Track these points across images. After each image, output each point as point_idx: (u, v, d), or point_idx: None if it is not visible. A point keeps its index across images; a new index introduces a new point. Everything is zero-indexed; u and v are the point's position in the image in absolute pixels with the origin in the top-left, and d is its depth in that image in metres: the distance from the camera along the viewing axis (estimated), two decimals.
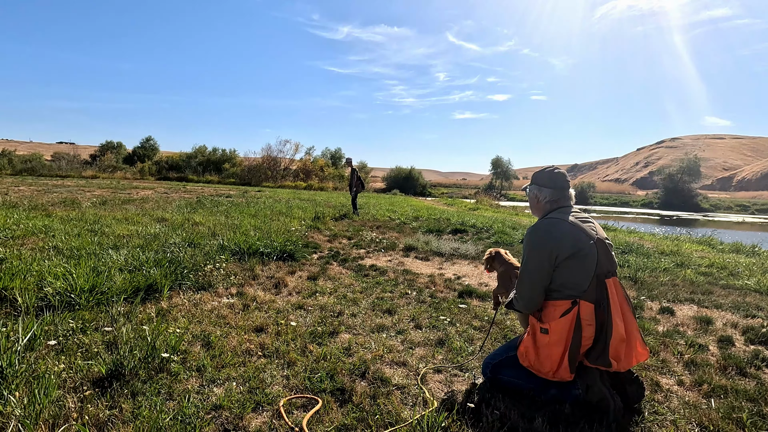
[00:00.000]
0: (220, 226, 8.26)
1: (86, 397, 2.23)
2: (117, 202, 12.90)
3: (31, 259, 4.75)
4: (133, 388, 2.35)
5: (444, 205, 23.32)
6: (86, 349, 2.78)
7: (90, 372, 2.49)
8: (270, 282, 4.76)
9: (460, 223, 11.31)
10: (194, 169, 38.49)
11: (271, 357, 2.89)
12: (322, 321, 3.61)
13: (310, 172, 40.78)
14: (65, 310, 3.41)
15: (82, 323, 3.16)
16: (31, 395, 2.14)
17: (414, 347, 3.21)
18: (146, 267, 4.56)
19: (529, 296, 2.47)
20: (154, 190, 20.51)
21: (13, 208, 9.91)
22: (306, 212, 12.19)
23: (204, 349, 2.94)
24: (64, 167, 34.15)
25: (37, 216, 8.54)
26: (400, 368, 2.85)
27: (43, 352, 2.70)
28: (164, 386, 2.41)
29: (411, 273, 5.64)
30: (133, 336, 2.93)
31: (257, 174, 37.93)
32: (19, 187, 17.72)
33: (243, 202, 15.06)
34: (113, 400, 2.25)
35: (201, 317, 3.55)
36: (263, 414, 2.25)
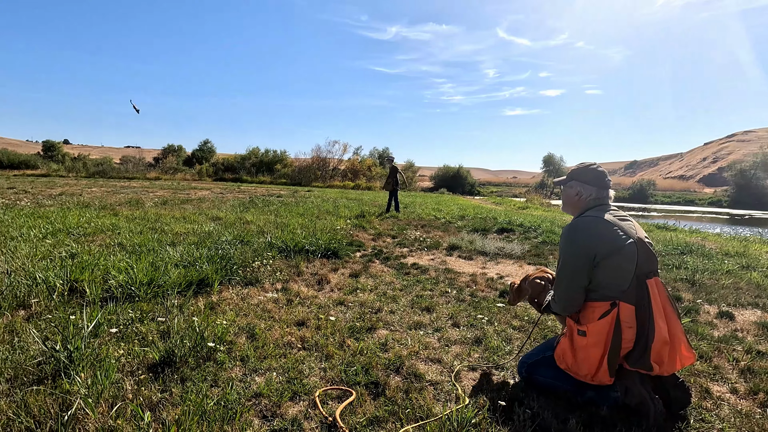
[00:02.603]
0: (269, 224, 8.59)
1: (141, 381, 2.43)
2: (176, 202, 13.70)
3: (98, 254, 5.18)
4: (183, 375, 2.53)
5: (492, 204, 22.90)
6: (143, 337, 3.01)
7: (145, 358, 2.71)
8: (314, 278, 4.91)
9: (506, 222, 11.08)
10: (248, 170, 40.06)
11: (311, 350, 3.00)
12: (361, 317, 3.70)
13: (357, 171, 41.30)
14: (126, 301, 3.71)
15: (141, 313, 3.43)
16: (93, 377, 2.36)
17: (450, 345, 3.22)
18: (199, 263, 4.84)
19: (567, 298, 2.41)
20: (210, 190, 21.57)
21: (86, 207, 10.80)
22: (352, 211, 12.41)
23: (248, 341, 3.10)
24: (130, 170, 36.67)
25: (106, 215, 9.26)
26: (434, 365, 2.87)
27: (105, 339, 2.96)
28: (210, 374, 2.58)
29: (453, 272, 5.62)
30: (184, 326, 3.14)
31: (307, 174, 38.90)
32: (92, 188, 19.21)
33: (292, 201, 15.53)
34: (164, 385, 2.43)
35: (247, 310, 3.74)
36: (300, 403, 2.36)
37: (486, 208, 17.14)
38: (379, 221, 10.90)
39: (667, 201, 52.56)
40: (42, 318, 3.29)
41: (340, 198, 19.01)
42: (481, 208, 16.82)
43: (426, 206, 16.27)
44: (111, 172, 35.61)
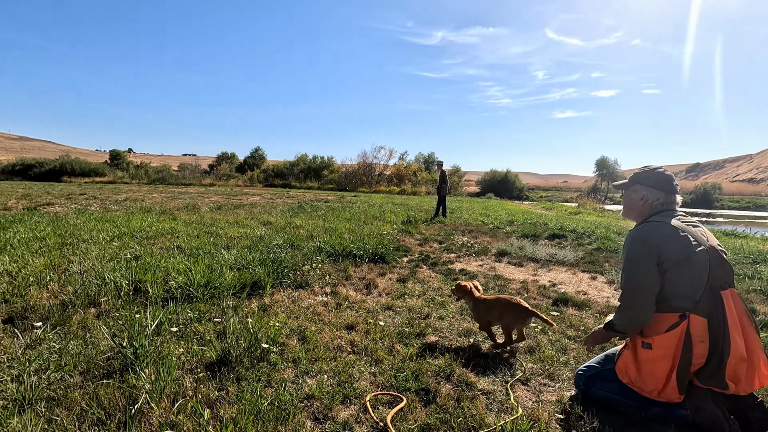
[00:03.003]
0: (318, 229, 8.76)
1: (200, 379, 2.53)
2: (230, 207, 14.27)
3: (159, 256, 5.47)
4: (238, 374, 2.61)
5: (542, 209, 22.22)
6: (201, 337, 3.14)
7: (203, 357, 2.82)
8: (361, 283, 4.95)
9: (558, 227, 10.70)
10: (296, 176, 41.13)
11: (360, 354, 3.01)
12: (409, 322, 3.68)
13: (403, 176, 41.36)
14: (185, 301, 3.89)
15: (198, 314, 3.58)
16: (157, 373, 2.49)
17: (502, 354, 3.13)
18: (252, 266, 5.01)
19: (634, 310, 2.22)
20: (261, 196, 22.30)
21: (147, 212, 11.46)
22: (398, 216, 12.43)
23: (300, 343, 3.16)
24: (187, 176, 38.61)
25: (166, 219, 9.78)
26: (486, 373, 2.80)
27: (166, 337, 3.12)
28: (264, 374, 2.65)
29: (502, 278, 5.49)
30: (239, 327, 3.24)
31: (353, 180, 39.41)
32: (152, 194, 20.38)
33: (340, 207, 15.76)
34: (221, 383, 2.52)
35: (298, 313, 3.81)
36: (351, 407, 2.37)
37: (536, 214, 16.65)
38: (425, 226, 10.85)
39: (734, 206, 48.93)
40: (110, 316, 3.51)
41: (386, 203, 19.09)
42: (531, 214, 16.35)
43: (473, 211, 16.02)
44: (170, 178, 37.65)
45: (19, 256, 5.33)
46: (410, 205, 18.45)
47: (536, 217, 14.57)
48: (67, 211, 11.22)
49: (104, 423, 2.11)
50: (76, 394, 2.33)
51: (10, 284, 4.14)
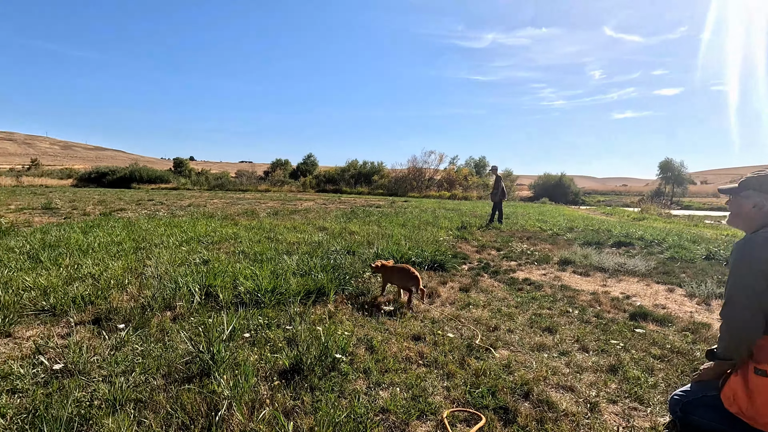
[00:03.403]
0: (374, 235, 8.77)
1: (275, 387, 2.56)
2: (286, 212, 14.65)
3: (226, 261, 5.66)
4: (311, 383, 2.61)
5: (602, 215, 21.17)
6: (272, 343, 3.19)
7: (276, 364, 2.85)
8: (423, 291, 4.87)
9: (624, 234, 10.13)
10: (347, 181, 41.74)
11: (431, 366, 2.94)
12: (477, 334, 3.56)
13: (453, 181, 40.91)
14: (254, 307, 3.98)
15: (268, 320, 3.65)
16: (234, 380, 2.53)
17: (581, 372, 2.94)
18: (314, 272, 5.06)
19: (741, 330, 2.00)
20: (314, 201, 22.78)
21: (211, 218, 11.97)
22: (452, 222, 12.25)
23: (368, 353, 3.13)
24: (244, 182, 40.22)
25: (228, 225, 10.16)
26: (567, 393, 2.64)
27: (240, 343, 3.18)
28: (336, 384, 2.63)
29: (570, 289, 5.22)
30: (307, 335, 3.26)
31: (403, 185, 39.43)
32: (213, 200, 21.34)
33: (392, 212, 15.77)
34: (295, 392, 2.53)
35: (363, 321, 3.80)
36: (427, 423, 2.30)
37: (596, 219, 15.88)
38: (481, 232, 10.61)
39: None
40: (185, 320, 3.64)
41: (438, 208, 18.91)
42: (591, 219, 15.61)
43: (529, 217, 15.52)
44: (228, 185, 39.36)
45: (100, 259, 5.69)
46: (463, 210, 18.16)
47: (597, 223, 13.89)
48: (138, 216, 11.94)
49: (188, 428, 2.17)
50: (161, 397, 2.42)
51: (93, 286, 4.42)
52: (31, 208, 13.52)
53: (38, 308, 3.81)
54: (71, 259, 5.61)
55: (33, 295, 4.08)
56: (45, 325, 3.51)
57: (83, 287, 4.35)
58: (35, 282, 4.45)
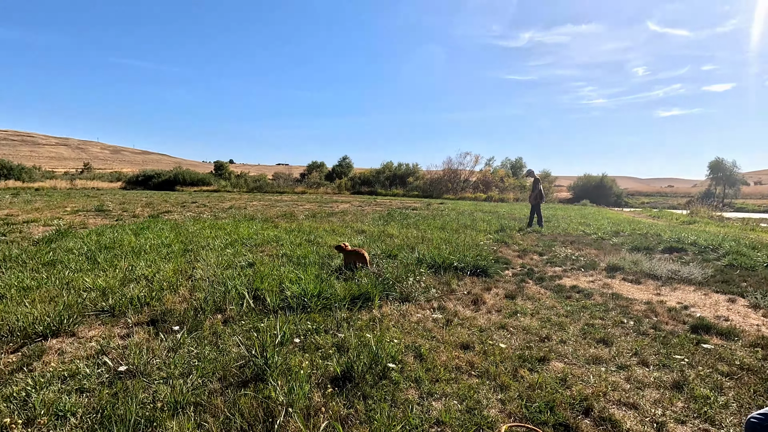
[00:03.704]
0: (412, 238, 8.73)
1: (328, 394, 2.56)
2: (323, 214, 14.81)
3: (270, 264, 5.76)
4: (363, 392, 2.61)
5: (648, 218, 20.29)
6: (322, 349, 3.20)
7: (327, 371, 2.86)
8: (468, 298, 4.79)
9: (675, 239, 9.67)
10: (382, 183, 41.82)
11: (482, 377, 2.88)
12: (528, 345, 3.46)
13: (489, 183, 40.27)
14: (301, 311, 4.02)
15: (316, 325, 3.67)
16: (288, 386, 2.56)
17: (643, 388, 2.81)
18: (357, 277, 5.07)
19: None
20: (350, 203, 22.94)
21: (252, 220, 12.25)
22: (490, 225, 12.04)
23: (417, 361, 3.10)
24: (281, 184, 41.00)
25: (269, 227, 10.36)
26: (630, 411, 2.52)
27: (290, 348, 3.22)
28: (388, 393, 2.61)
29: (622, 298, 5.01)
30: (356, 342, 3.26)
31: (438, 186, 39.14)
32: (253, 202, 21.84)
33: (428, 214, 15.67)
34: (348, 400, 2.53)
35: (409, 328, 3.76)
36: None
37: (643, 223, 15.23)
38: (521, 236, 10.37)
39: None
40: (236, 323, 3.72)
41: (475, 211, 18.65)
42: (638, 223, 14.98)
43: (570, 220, 15.06)
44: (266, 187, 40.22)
45: (152, 261, 5.92)
46: (500, 213, 17.84)
47: (645, 226, 13.31)
48: (184, 218, 12.36)
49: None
50: (219, 400, 2.47)
51: (148, 288, 4.59)
52: (85, 210, 14.24)
53: (98, 309, 3.99)
54: (125, 260, 5.86)
55: (93, 295, 4.28)
56: (105, 325, 3.67)
57: (138, 289, 4.53)
58: (94, 283, 4.67)
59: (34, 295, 4.21)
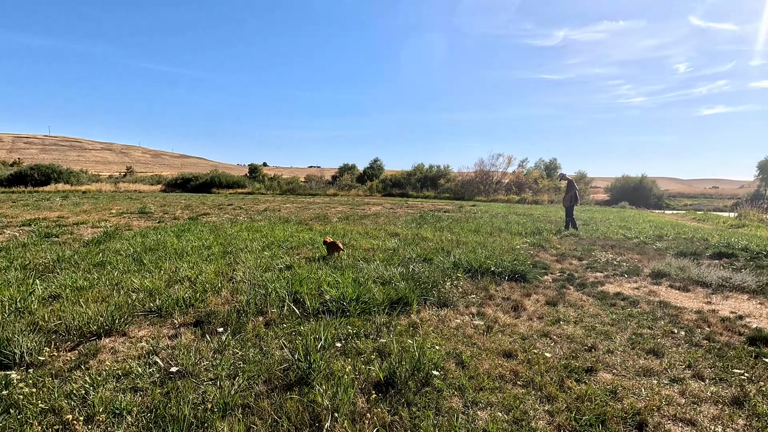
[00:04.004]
0: (447, 242, 8.66)
1: (372, 400, 2.56)
2: (356, 217, 14.90)
3: (307, 267, 5.84)
4: (407, 398, 2.60)
5: (692, 221, 19.43)
6: (363, 354, 3.21)
7: (369, 376, 2.87)
8: (507, 304, 4.71)
9: (724, 244, 9.21)
10: (413, 185, 41.74)
11: (528, 387, 2.81)
12: (574, 354, 3.37)
13: (522, 184, 39.55)
14: (340, 315, 4.05)
15: (356, 329, 3.69)
16: (332, 390, 2.57)
17: (699, 403, 2.68)
18: (395, 281, 5.07)
19: None
20: (382, 206, 22.99)
21: (286, 222, 12.46)
22: (525, 228, 11.82)
23: (459, 368, 3.06)
24: (313, 187, 41.54)
25: (303, 230, 10.51)
26: (687, 427, 2.41)
27: (332, 352, 3.24)
28: (432, 401, 2.59)
29: (670, 306, 4.80)
30: (397, 347, 3.25)
31: (470, 188, 38.75)
32: (286, 204, 22.22)
33: (461, 217, 15.52)
34: (392, 407, 2.52)
35: (449, 334, 3.73)
36: None
37: (688, 226, 14.60)
38: (558, 240, 10.12)
39: None
40: (277, 325, 3.78)
41: (509, 213, 18.35)
42: (682, 226, 14.37)
43: (609, 223, 14.59)
44: (298, 189, 40.85)
45: (194, 263, 6.10)
46: (535, 215, 17.47)
47: (690, 230, 12.75)
48: (222, 220, 12.70)
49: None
50: (265, 403, 2.51)
51: (192, 290, 4.73)
52: (129, 212, 14.85)
53: (146, 309, 4.14)
54: (169, 262, 6.06)
55: (141, 296, 4.45)
56: (154, 325, 3.80)
57: (182, 290, 4.68)
58: (141, 284, 4.85)
59: (87, 295, 4.41)
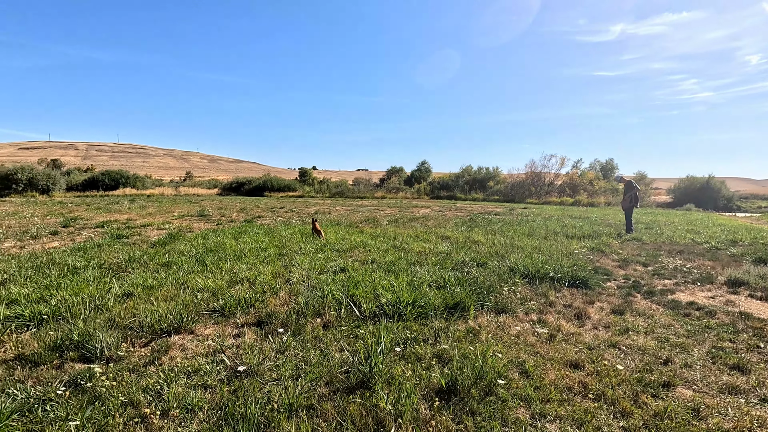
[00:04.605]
0: (500, 245, 8.45)
1: (435, 407, 2.52)
2: (405, 220, 14.87)
3: (361, 270, 5.87)
4: (470, 407, 2.53)
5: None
6: (423, 360, 3.17)
7: (430, 382, 2.82)
8: (569, 311, 4.51)
9: None
10: (461, 187, 41.20)
11: (599, 401, 2.67)
12: (647, 367, 3.16)
13: (577, 186, 38.01)
14: (397, 319, 4.03)
15: (413, 334, 3.66)
16: (394, 395, 2.55)
17: None
18: (450, 285, 5.00)
19: None
20: (430, 208, 22.85)
21: (337, 225, 12.64)
22: (582, 231, 11.33)
23: (523, 378, 2.95)
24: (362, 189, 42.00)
25: (354, 233, 10.61)
26: None
27: (391, 356, 3.23)
28: (497, 411, 2.51)
29: (753, 318, 4.42)
30: (457, 353, 3.19)
31: (520, 190, 37.74)
32: (336, 207, 22.58)
33: (513, 220, 15.12)
34: (456, 415, 2.47)
35: (509, 342, 3.61)
36: None
37: (765, 230, 13.43)
38: (619, 244, 9.61)
39: None
40: (336, 328, 3.82)
41: (563, 216, 17.66)
42: (758, 230, 13.24)
43: (675, 226, 13.70)
44: (347, 192, 41.45)
45: (252, 264, 6.30)
46: (592, 218, 16.71)
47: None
48: (275, 223, 13.08)
49: None
50: (328, 405, 2.54)
51: (252, 290, 4.88)
52: (189, 215, 15.63)
53: (210, 308, 4.31)
54: (229, 263, 6.30)
55: (205, 296, 4.64)
56: (218, 324, 3.95)
57: (243, 290, 4.84)
58: (205, 284, 5.07)
59: (157, 294, 4.66)
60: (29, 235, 9.19)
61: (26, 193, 26.67)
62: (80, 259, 6.44)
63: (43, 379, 2.83)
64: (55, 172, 32.45)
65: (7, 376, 2.87)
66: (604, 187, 38.55)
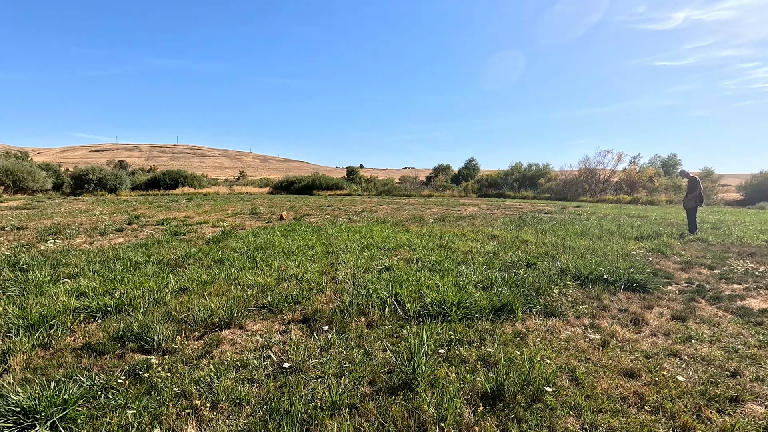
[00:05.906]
0: (550, 245, 8.16)
1: (479, 412, 2.46)
2: (451, 218, 14.69)
3: (406, 269, 5.85)
4: (516, 414, 2.45)
5: None
6: (467, 363, 3.11)
7: (474, 386, 2.76)
8: (624, 316, 4.27)
9: None
10: (510, 185, 40.21)
11: (657, 413, 2.50)
12: (712, 379, 2.93)
13: (635, 183, 36.02)
14: (442, 320, 3.98)
15: (458, 336, 3.60)
16: (437, 398, 2.52)
17: None
18: (497, 286, 4.88)
19: None
20: (478, 207, 22.45)
21: (383, 223, 12.68)
22: (641, 231, 10.72)
23: (573, 385, 2.83)
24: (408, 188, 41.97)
25: (400, 231, 10.60)
26: None
27: (434, 358, 3.19)
28: (544, 419, 2.42)
29: None
30: (503, 357, 3.10)
31: (573, 188, 36.28)
32: (382, 205, 22.67)
33: (565, 219, 14.56)
34: (500, 421, 2.40)
35: (559, 347, 3.47)
36: None
37: None
38: (681, 245, 9.01)
39: None
40: (379, 327, 3.83)
41: (619, 215, 16.80)
42: None
43: (746, 227, 12.67)
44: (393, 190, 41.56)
45: (300, 261, 6.44)
46: (651, 217, 15.79)
47: None
48: (323, 221, 13.32)
49: None
50: (371, 405, 2.54)
51: (299, 288, 4.98)
52: (242, 213, 16.23)
53: (259, 305, 4.44)
54: (278, 260, 6.47)
55: (254, 292, 4.79)
56: (266, 320, 4.06)
57: (290, 288, 4.95)
58: (255, 280, 5.23)
59: (210, 289, 4.87)
60: (98, 232, 9.88)
61: (96, 192, 28.79)
62: (142, 255, 6.84)
63: (106, 368, 3.02)
64: (122, 172, 34.83)
65: (75, 363, 3.09)
66: (666, 185, 36.31)
